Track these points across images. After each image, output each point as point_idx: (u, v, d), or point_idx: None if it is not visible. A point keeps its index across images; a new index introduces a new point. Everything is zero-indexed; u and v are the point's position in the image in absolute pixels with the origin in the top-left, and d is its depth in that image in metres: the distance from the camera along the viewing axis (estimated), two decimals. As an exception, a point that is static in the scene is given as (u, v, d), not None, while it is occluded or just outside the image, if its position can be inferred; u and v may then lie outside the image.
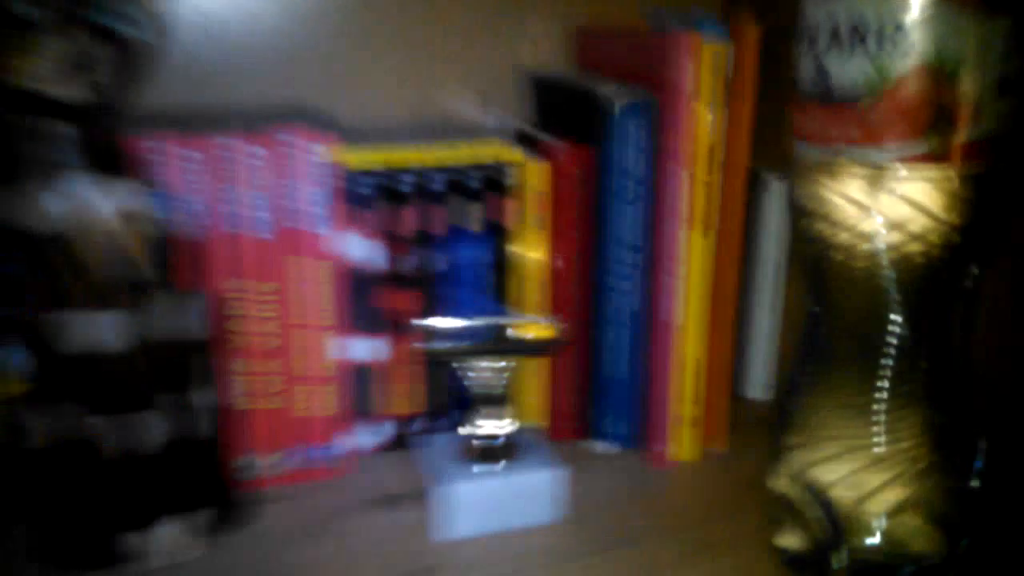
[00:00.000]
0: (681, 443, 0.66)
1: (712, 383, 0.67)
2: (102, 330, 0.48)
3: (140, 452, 0.51)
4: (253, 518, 0.59)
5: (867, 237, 0.45)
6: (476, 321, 0.61)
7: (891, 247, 0.45)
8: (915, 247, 0.45)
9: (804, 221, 0.49)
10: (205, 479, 0.55)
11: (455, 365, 0.59)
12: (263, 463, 0.62)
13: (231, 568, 0.54)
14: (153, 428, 0.51)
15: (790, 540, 0.53)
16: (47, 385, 0.49)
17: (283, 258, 0.59)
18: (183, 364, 0.52)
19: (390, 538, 0.57)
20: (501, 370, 0.59)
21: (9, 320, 0.54)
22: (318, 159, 0.58)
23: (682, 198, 0.61)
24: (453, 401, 0.68)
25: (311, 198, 0.58)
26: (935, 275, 0.46)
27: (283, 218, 0.58)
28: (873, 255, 0.46)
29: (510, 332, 0.61)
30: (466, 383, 0.59)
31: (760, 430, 0.58)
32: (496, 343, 0.59)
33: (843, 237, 0.47)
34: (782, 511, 0.53)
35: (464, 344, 0.58)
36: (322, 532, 0.58)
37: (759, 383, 0.77)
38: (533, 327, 0.61)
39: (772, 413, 0.56)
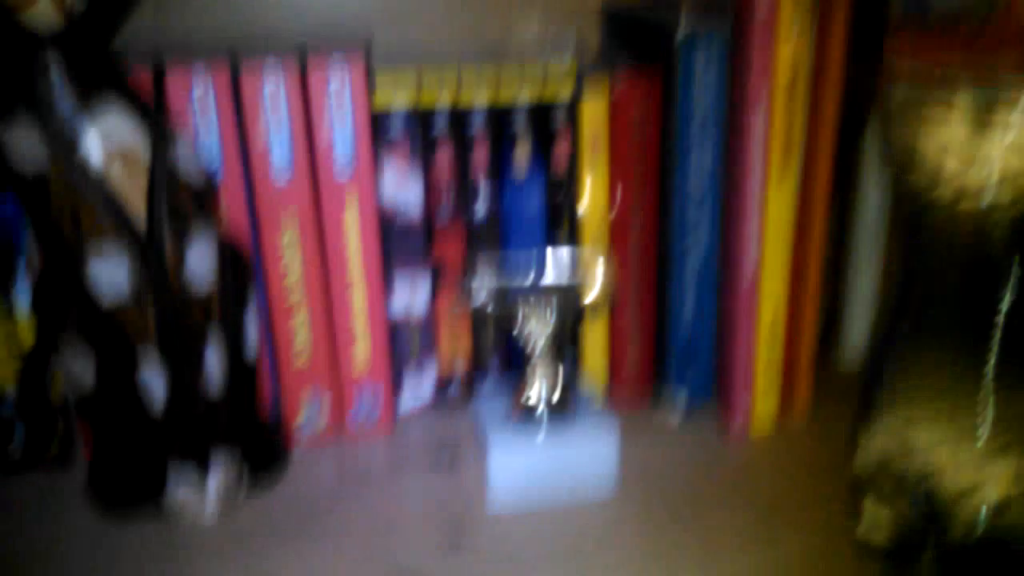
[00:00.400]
0: (755, 414, 0.59)
1: (793, 349, 0.59)
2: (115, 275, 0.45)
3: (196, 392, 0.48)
4: (291, 472, 0.55)
5: (971, 194, 0.36)
6: (525, 274, 0.55)
7: (1000, 205, 0.36)
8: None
9: (897, 174, 0.40)
10: (249, 424, 0.52)
11: (503, 322, 0.54)
12: (299, 421, 0.58)
13: (269, 522, 0.51)
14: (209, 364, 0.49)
15: (873, 528, 0.45)
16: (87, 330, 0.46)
17: (309, 202, 0.54)
18: (212, 305, 0.49)
19: (431, 505, 0.53)
20: (555, 327, 0.53)
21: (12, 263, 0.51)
22: (350, 92, 0.52)
23: (760, 139, 0.52)
24: (502, 358, 0.62)
25: (341, 136, 0.53)
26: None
27: (306, 161, 0.53)
28: (978, 215, 0.37)
29: (564, 284, 0.54)
30: (516, 341, 0.53)
31: (848, 403, 0.50)
32: (548, 296, 0.53)
33: (943, 193, 0.38)
34: (866, 491, 0.45)
35: (513, 300, 0.52)
36: (358, 495, 0.54)
37: (853, 352, 0.68)
38: (590, 280, 0.55)
39: (861, 375, 0.48)
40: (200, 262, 0.47)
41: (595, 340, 0.62)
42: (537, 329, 0.53)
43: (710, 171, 0.55)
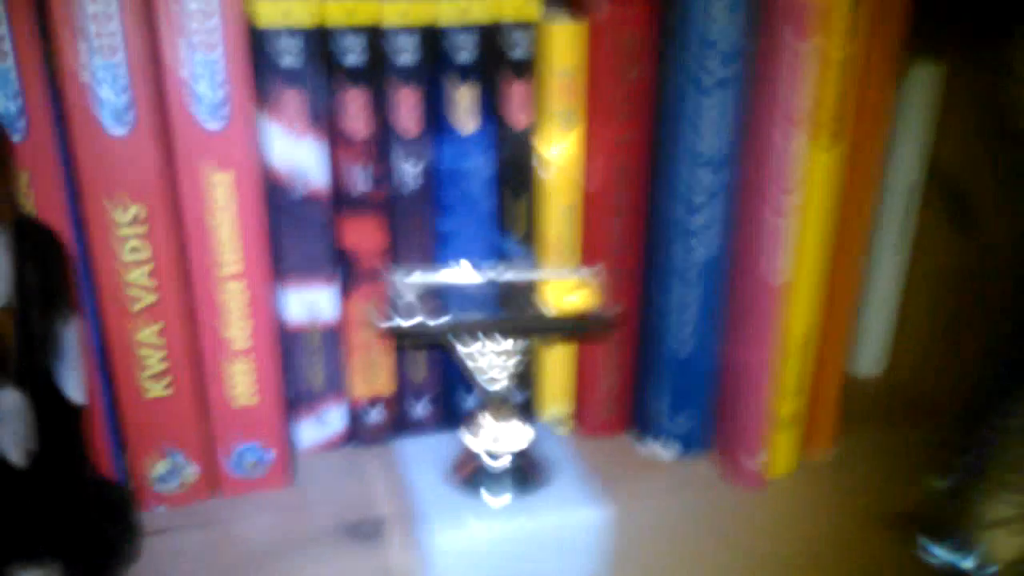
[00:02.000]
0: (776, 450, 0.44)
1: (822, 367, 0.45)
2: None
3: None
4: (147, 553, 0.38)
5: None
6: (469, 274, 0.39)
7: None
8: None
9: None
10: (75, 501, 0.35)
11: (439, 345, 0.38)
12: (154, 474, 0.41)
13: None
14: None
15: None
16: None
17: (155, 166, 0.37)
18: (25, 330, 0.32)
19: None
20: (512, 354, 0.37)
21: None
22: (210, 7, 0.35)
23: (799, 86, 0.37)
24: (436, 377, 0.46)
25: (204, 68, 0.36)
26: None
27: (153, 103, 0.36)
28: None
29: (523, 291, 0.39)
30: (462, 370, 0.38)
31: (874, 422, 0.37)
32: (503, 316, 0.36)
33: None
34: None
35: (449, 319, 0.36)
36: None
37: (871, 355, 0.55)
38: (560, 286, 0.39)
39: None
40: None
41: (557, 361, 0.47)
42: (491, 359, 0.37)
43: (728, 127, 0.40)
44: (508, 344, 0.36)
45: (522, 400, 0.47)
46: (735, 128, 0.40)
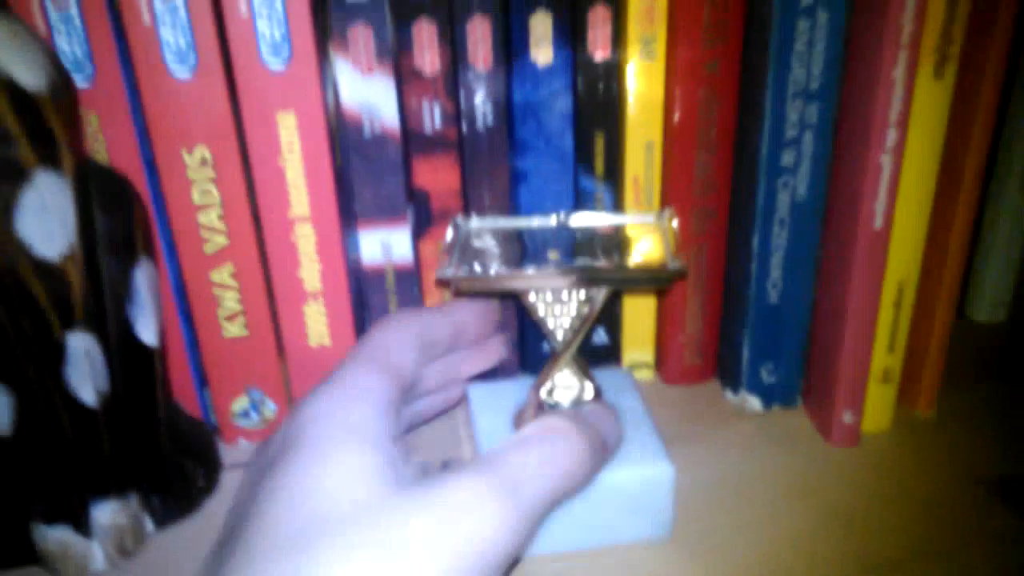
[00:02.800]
0: (868, 405, 0.42)
1: (927, 319, 0.41)
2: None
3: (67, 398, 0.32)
4: (227, 484, 0.40)
5: None
6: (542, 221, 0.37)
7: None
8: None
9: None
10: (150, 437, 0.36)
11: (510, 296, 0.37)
12: (236, 410, 0.42)
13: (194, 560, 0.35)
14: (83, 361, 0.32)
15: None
16: None
17: (220, 108, 0.36)
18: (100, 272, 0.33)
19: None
20: (584, 306, 0.35)
21: None
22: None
23: (911, 9, 0.33)
24: (515, 321, 0.45)
25: (259, 8, 0.35)
26: None
27: (214, 44, 0.35)
28: None
29: (598, 240, 0.37)
30: (533, 322, 0.36)
31: (989, 374, 0.34)
32: (572, 266, 0.34)
33: None
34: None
35: (502, 269, 0.34)
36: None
37: (990, 298, 0.50)
38: (636, 230, 0.37)
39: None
40: (39, 213, 0.30)
41: (639, 310, 0.45)
42: (562, 310, 0.35)
43: (825, 55, 0.37)
44: (570, 295, 0.34)
45: (604, 345, 0.46)
46: (835, 56, 0.36)
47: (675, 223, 0.36)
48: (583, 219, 0.38)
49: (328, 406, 0.26)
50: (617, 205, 0.43)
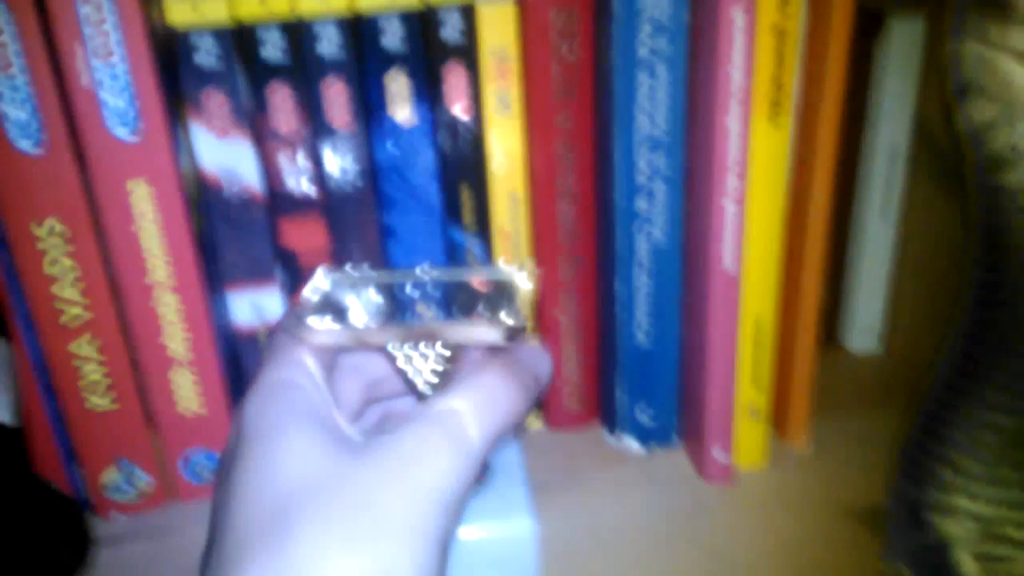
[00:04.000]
0: (740, 442, 0.42)
1: (790, 354, 0.42)
2: None
3: None
4: (98, 568, 0.39)
5: None
6: (404, 276, 0.37)
7: None
8: None
9: (965, 114, 0.23)
10: (15, 517, 0.35)
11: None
12: (107, 484, 0.41)
13: None
14: None
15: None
16: None
17: (72, 181, 0.36)
18: None
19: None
20: (447, 362, 0.35)
21: None
22: (114, 5, 0.34)
23: (742, 55, 0.35)
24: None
25: (103, 79, 0.35)
26: None
27: (62, 110, 0.35)
28: None
29: (462, 294, 0.37)
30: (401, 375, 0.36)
31: (865, 404, 0.37)
32: (420, 326, 0.34)
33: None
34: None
35: (370, 326, 0.34)
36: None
37: (864, 328, 0.52)
38: (498, 284, 0.37)
39: (909, 435, 0.32)
40: None
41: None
42: (423, 363, 0.35)
43: (668, 106, 0.38)
44: (428, 350, 0.34)
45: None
46: (678, 107, 0.38)
47: (530, 277, 0.36)
48: (446, 273, 0.38)
49: (259, 400, 0.27)
50: (488, 256, 0.43)
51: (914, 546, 0.31)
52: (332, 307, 0.34)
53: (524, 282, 0.35)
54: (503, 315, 0.32)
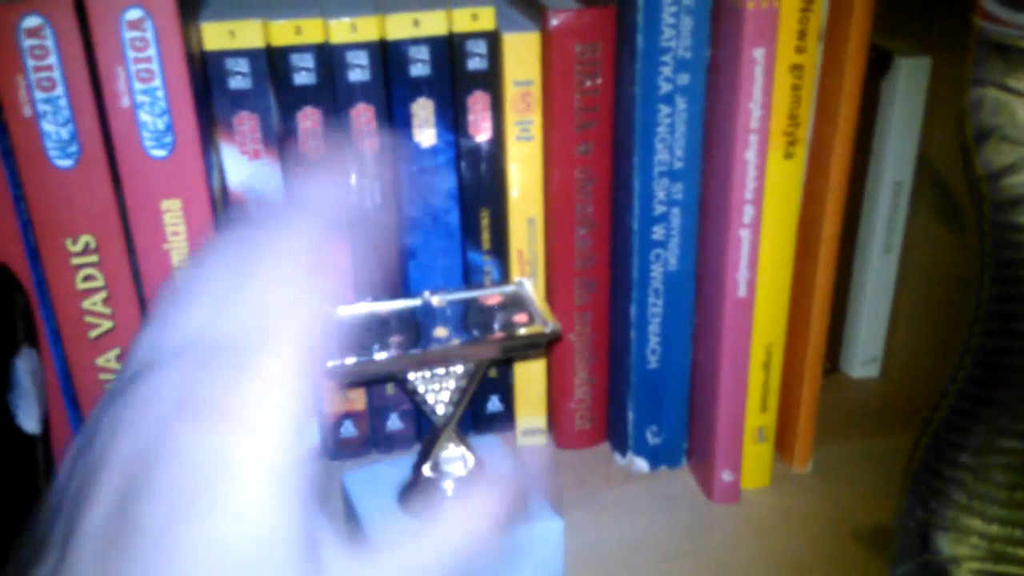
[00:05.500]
0: (746, 462, 0.43)
1: (796, 378, 0.43)
2: None
3: None
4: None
5: None
6: (406, 303, 0.37)
7: None
8: None
9: (984, 157, 0.25)
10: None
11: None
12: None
13: None
14: None
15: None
16: None
17: (104, 197, 0.37)
18: None
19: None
20: (462, 380, 0.36)
21: None
22: (154, 28, 0.35)
23: (751, 94, 0.36)
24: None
25: (147, 95, 0.36)
26: None
27: (100, 130, 0.36)
28: None
29: (474, 313, 0.38)
30: (412, 399, 0.37)
31: (866, 427, 0.42)
32: (433, 349, 0.35)
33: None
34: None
35: (383, 353, 0.35)
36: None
37: (863, 356, 0.53)
38: (506, 301, 0.38)
39: (912, 462, 0.33)
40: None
41: (530, 378, 0.46)
42: (441, 385, 0.36)
43: (687, 137, 0.39)
44: (447, 371, 0.36)
45: (498, 412, 0.47)
46: (696, 139, 0.39)
47: (532, 288, 0.37)
48: (448, 296, 0.38)
49: (199, 436, 0.18)
50: (504, 277, 0.44)
51: (917, 565, 0.32)
52: (350, 340, 0.35)
53: (531, 291, 0.36)
54: (540, 323, 0.34)
